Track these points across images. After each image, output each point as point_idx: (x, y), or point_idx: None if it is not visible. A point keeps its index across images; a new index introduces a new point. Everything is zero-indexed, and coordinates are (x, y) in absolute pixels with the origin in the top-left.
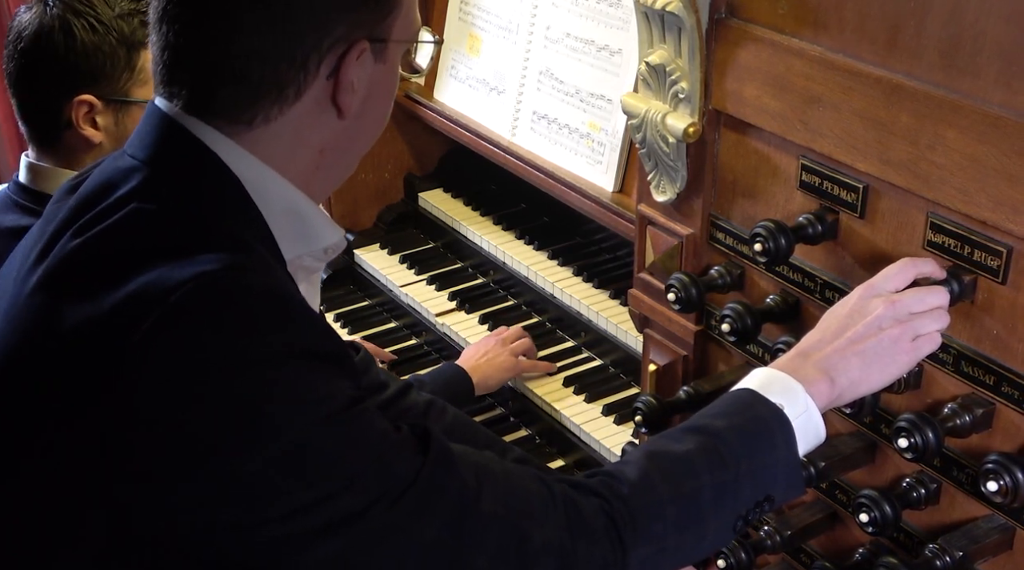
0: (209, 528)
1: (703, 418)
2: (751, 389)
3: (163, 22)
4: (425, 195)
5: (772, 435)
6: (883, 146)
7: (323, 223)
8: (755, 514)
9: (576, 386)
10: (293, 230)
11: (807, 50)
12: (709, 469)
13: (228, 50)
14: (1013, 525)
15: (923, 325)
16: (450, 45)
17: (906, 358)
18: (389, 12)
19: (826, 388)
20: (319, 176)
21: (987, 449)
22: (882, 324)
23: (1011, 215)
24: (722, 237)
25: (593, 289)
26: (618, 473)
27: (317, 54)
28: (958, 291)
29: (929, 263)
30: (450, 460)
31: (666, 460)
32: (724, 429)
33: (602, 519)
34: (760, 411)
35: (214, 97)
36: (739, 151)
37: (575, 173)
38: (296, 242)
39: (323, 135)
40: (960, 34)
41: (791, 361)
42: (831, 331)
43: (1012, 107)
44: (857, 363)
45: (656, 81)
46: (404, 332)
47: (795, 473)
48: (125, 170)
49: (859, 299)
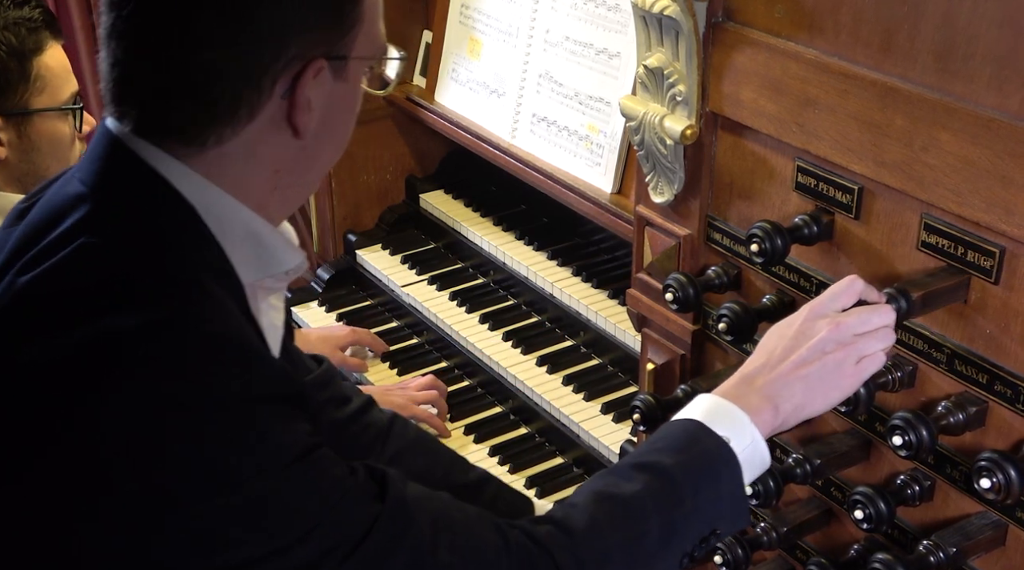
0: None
1: (651, 453)
2: (697, 421)
3: (112, 38)
4: (426, 196)
5: (718, 470)
6: (878, 148)
7: (282, 247)
8: (701, 549)
9: (575, 385)
10: (251, 254)
11: (803, 53)
12: (657, 509)
13: (181, 68)
14: (1006, 522)
15: (867, 346)
16: (451, 48)
17: (849, 381)
18: (350, 29)
19: (770, 417)
20: (276, 197)
21: (980, 447)
22: (826, 347)
23: (1004, 216)
24: (719, 238)
25: (592, 289)
26: (566, 521)
27: (272, 72)
28: (905, 308)
29: (872, 291)
30: (407, 510)
31: (614, 503)
32: (671, 466)
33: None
34: (707, 445)
35: (165, 118)
36: (736, 153)
37: (574, 174)
38: (255, 266)
39: (279, 155)
40: (953, 38)
41: (736, 387)
42: (776, 355)
43: (1005, 110)
44: (801, 388)
45: (654, 84)
46: (405, 332)
47: (740, 506)
48: (72, 198)
49: (804, 320)
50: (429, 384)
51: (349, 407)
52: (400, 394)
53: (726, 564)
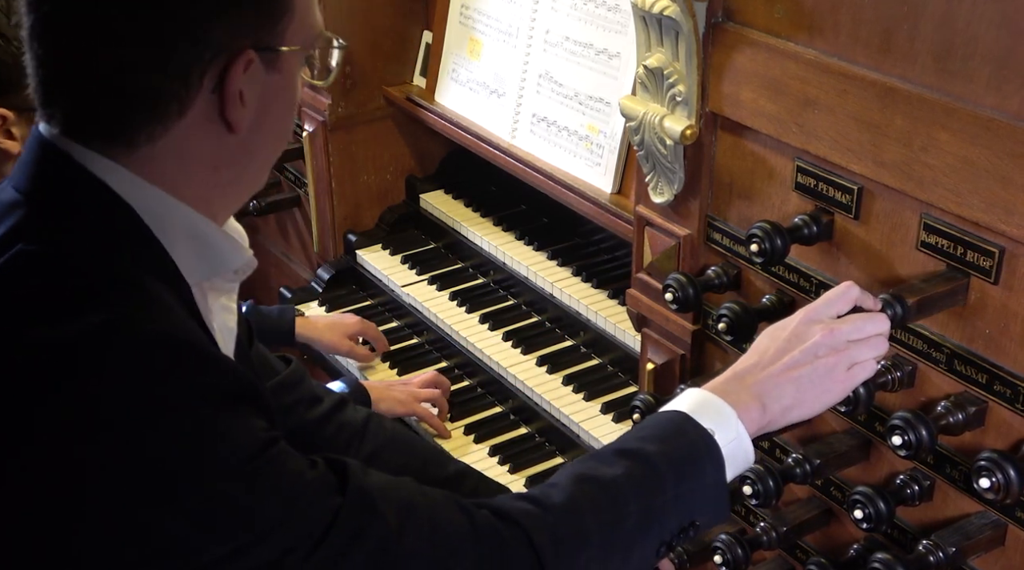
0: None
1: (635, 440)
2: (683, 412)
3: (33, 39)
4: (426, 196)
5: (701, 461)
6: (877, 148)
7: (228, 245)
8: (679, 539)
9: (575, 384)
10: (195, 254)
11: (802, 54)
12: (637, 496)
13: (97, 64)
14: (1005, 521)
15: (859, 353)
16: (451, 49)
17: (840, 387)
18: (279, 18)
19: (757, 415)
20: (218, 194)
21: (980, 446)
22: (818, 352)
23: (1003, 216)
24: (719, 238)
25: (592, 289)
26: (544, 499)
27: (198, 66)
28: (901, 314)
29: (868, 298)
30: (369, 500)
31: (594, 486)
32: (654, 454)
33: (524, 550)
34: (691, 436)
35: (92, 117)
36: (736, 153)
37: (574, 175)
38: (200, 266)
39: (215, 152)
40: (952, 38)
41: (726, 383)
42: (768, 355)
43: (1004, 110)
44: (791, 390)
45: (654, 84)
46: (406, 331)
47: (721, 499)
48: (7, 205)
49: (799, 324)
50: (431, 381)
51: (320, 407)
52: (402, 390)
53: (726, 564)
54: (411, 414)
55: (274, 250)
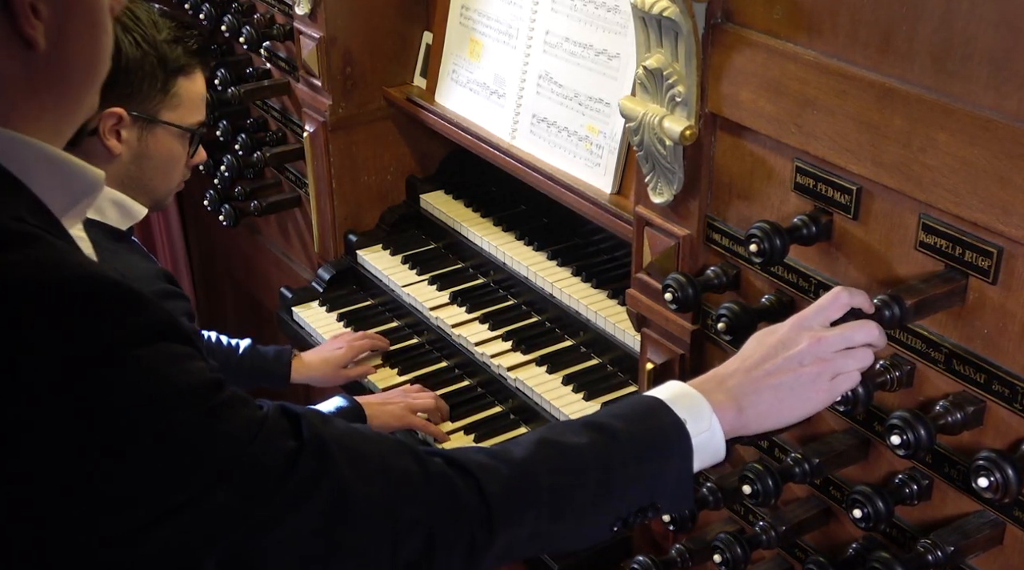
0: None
1: (605, 416)
2: (659, 398)
3: None
4: (426, 197)
5: (668, 445)
6: (876, 149)
7: (80, 167)
8: (636, 519)
9: (575, 384)
10: (58, 185)
11: (801, 54)
12: (596, 466)
13: None
14: (1003, 521)
15: (844, 364)
16: (451, 49)
17: (821, 397)
18: None
19: (732, 415)
20: (48, 119)
21: (978, 446)
22: (803, 360)
23: (1001, 216)
24: (718, 238)
25: (591, 289)
26: (503, 453)
27: None
28: (899, 315)
29: (859, 296)
30: (324, 445)
31: (555, 449)
32: (621, 431)
33: (474, 499)
34: (662, 419)
35: None
36: (735, 154)
37: (574, 175)
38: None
39: (28, 74)
40: (951, 39)
41: (706, 382)
42: (752, 360)
43: (1002, 110)
44: (769, 397)
45: (653, 85)
46: (406, 331)
47: (685, 486)
48: None
49: (788, 330)
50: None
51: None
52: (397, 403)
53: (725, 563)
54: (407, 427)
55: (275, 250)
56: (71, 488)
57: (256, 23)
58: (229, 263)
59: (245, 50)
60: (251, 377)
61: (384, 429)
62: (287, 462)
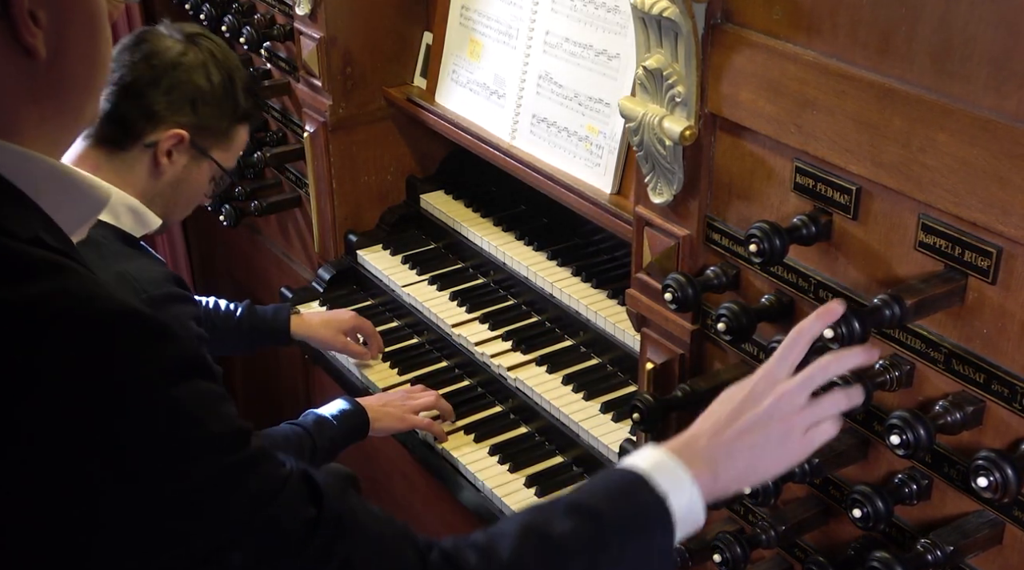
0: None
1: (588, 495)
2: (640, 473)
3: None
4: (426, 197)
5: (652, 525)
6: (875, 149)
7: (88, 182)
8: None
9: (575, 384)
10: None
11: (801, 55)
12: (583, 551)
13: None
14: (1003, 520)
15: (817, 413)
16: (451, 50)
17: (796, 452)
18: None
19: (708, 481)
20: (48, 129)
21: (977, 446)
22: (772, 415)
23: (1001, 216)
24: (718, 238)
25: (591, 289)
26: (490, 550)
27: None
28: (899, 314)
29: (816, 323)
30: (341, 520)
31: (542, 540)
32: (605, 513)
33: None
34: (645, 498)
35: None
36: (735, 154)
37: (574, 175)
38: (73, 215)
39: (29, 83)
40: (951, 39)
41: (682, 446)
42: (723, 419)
43: (1002, 111)
44: (743, 459)
45: (653, 85)
46: (406, 331)
47: (667, 563)
48: None
49: (755, 384)
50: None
51: None
52: (398, 405)
53: (725, 563)
54: (409, 427)
55: (275, 250)
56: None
57: (256, 23)
58: (229, 263)
59: (245, 50)
60: (251, 338)
61: (386, 431)
62: (306, 528)
